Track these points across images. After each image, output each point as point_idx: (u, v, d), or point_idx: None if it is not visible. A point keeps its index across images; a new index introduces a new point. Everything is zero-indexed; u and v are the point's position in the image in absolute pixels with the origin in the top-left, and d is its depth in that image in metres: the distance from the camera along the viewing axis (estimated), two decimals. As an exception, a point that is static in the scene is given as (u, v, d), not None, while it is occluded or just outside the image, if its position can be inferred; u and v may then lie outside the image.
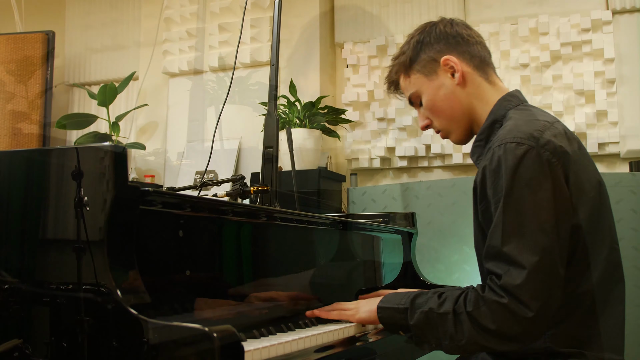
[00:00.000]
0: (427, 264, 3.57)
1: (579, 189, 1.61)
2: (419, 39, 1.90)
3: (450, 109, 1.85)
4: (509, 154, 1.57)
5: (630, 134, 4.01)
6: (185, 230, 1.59)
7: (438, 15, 4.45)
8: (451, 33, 1.88)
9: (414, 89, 1.90)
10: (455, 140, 1.92)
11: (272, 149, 2.52)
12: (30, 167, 1.47)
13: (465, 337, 1.56)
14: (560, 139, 1.63)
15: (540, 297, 1.49)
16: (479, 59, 1.86)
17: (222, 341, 1.19)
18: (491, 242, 1.58)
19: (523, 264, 1.50)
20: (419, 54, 1.88)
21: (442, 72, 1.84)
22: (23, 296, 1.38)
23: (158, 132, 5.11)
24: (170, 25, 5.07)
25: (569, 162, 1.60)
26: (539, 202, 1.54)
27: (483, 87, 1.84)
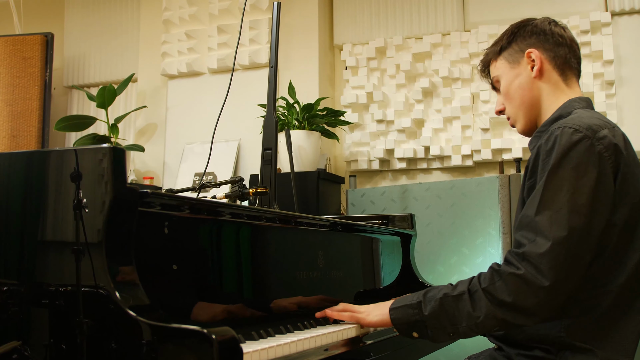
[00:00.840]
0: (426, 266, 3.56)
1: (624, 191, 1.65)
2: (515, 30, 1.98)
3: (521, 97, 1.92)
4: (565, 136, 1.64)
5: (630, 135, 3.95)
6: (184, 231, 1.59)
7: (437, 17, 4.46)
8: (545, 30, 1.94)
9: (497, 73, 1.99)
10: (520, 130, 1.98)
11: (270, 150, 2.52)
12: (28, 169, 1.48)
13: (482, 314, 1.61)
14: (619, 139, 1.68)
15: (558, 270, 1.55)
16: (562, 60, 1.91)
17: (221, 343, 1.19)
18: (526, 211, 1.65)
19: (550, 235, 1.56)
20: (510, 44, 1.96)
21: (524, 63, 1.92)
22: (22, 298, 1.38)
23: (157, 134, 5.11)
24: (169, 27, 5.07)
25: (620, 161, 1.65)
26: (580, 186, 1.59)
27: (558, 86, 1.90)
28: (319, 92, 4.59)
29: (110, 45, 5.45)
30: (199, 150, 4.79)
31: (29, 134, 4.97)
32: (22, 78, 5.01)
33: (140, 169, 5.09)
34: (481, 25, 4.39)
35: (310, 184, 3.99)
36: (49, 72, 5.06)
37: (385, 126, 4.54)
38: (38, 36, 5.07)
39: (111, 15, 5.47)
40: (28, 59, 5.02)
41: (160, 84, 5.13)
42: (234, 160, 4.65)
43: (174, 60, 5.01)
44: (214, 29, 4.90)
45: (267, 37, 4.73)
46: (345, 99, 4.64)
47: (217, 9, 4.88)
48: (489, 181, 3.60)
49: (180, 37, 5.00)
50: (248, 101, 4.59)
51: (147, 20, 5.26)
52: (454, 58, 4.42)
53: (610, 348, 1.63)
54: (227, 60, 4.81)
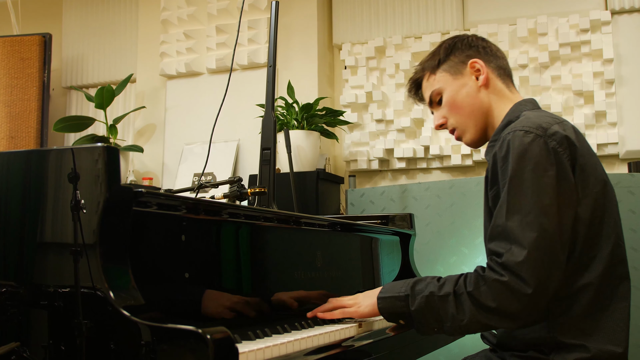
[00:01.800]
0: (426, 266, 3.56)
1: (584, 182, 1.67)
2: (452, 43, 2.00)
3: (470, 107, 1.93)
4: (517, 140, 1.65)
5: (629, 134, 4.00)
6: (180, 231, 1.58)
7: (437, 16, 4.45)
8: (481, 44, 1.99)
9: (438, 86, 1.98)
10: (468, 141, 1.98)
11: (269, 150, 2.51)
12: (26, 168, 1.47)
13: (466, 317, 1.62)
14: (569, 132, 1.70)
15: (539, 275, 1.56)
16: (502, 70, 1.97)
17: (216, 343, 1.18)
18: (496, 221, 1.66)
19: (524, 242, 1.57)
20: (449, 56, 1.98)
21: (468, 74, 1.94)
22: (21, 299, 1.38)
23: (156, 135, 5.10)
24: (168, 27, 5.06)
25: (575, 154, 1.67)
26: (543, 186, 1.61)
27: (503, 93, 1.94)
28: (318, 91, 4.58)
29: (109, 45, 5.44)
30: (198, 151, 4.78)
31: (27, 135, 4.96)
32: (20, 79, 5.00)
33: (140, 170, 5.08)
34: (481, 24, 4.38)
35: (309, 184, 3.98)
36: (47, 73, 5.05)
37: (384, 126, 4.53)
38: (36, 37, 5.06)
39: (109, 16, 5.46)
40: (26, 60, 5.01)
41: (159, 84, 5.12)
42: (233, 160, 4.64)
43: (173, 60, 5.00)
44: (212, 29, 4.89)
45: (266, 37, 4.72)
46: (345, 98, 4.63)
47: (215, 9, 4.87)
48: (488, 180, 3.59)
49: (178, 37, 4.99)
50: (247, 101, 4.58)
51: (145, 20, 5.25)
52: (453, 57, 4.40)
53: (601, 339, 1.64)
54: (226, 60, 4.81)
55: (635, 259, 3.29)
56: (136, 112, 5.13)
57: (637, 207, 3.33)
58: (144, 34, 5.24)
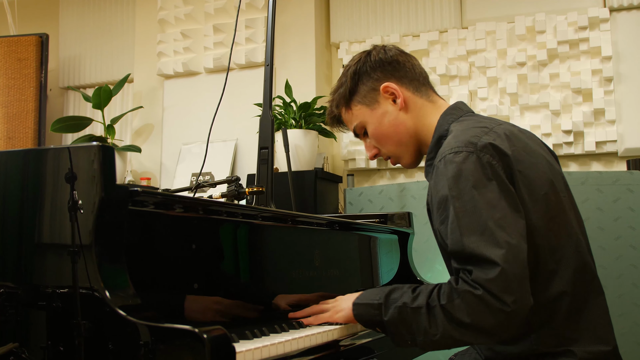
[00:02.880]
0: (424, 264, 3.55)
1: (528, 188, 1.60)
2: (355, 69, 1.91)
3: (397, 134, 1.86)
4: (449, 164, 1.58)
5: (628, 132, 3.99)
6: (177, 231, 1.57)
7: (435, 15, 4.45)
8: (386, 59, 1.89)
9: (358, 121, 1.91)
10: (406, 164, 1.94)
11: (267, 149, 2.51)
12: (24, 168, 1.46)
13: (439, 332, 1.53)
14: (500, 141, 1.62)
15: (512, 289, 1.46)
16: (417, 82, 1.88)
17: (213, 342, 1.17)
18: (453, 247, 1.55)
19: (491, 258, 1.47)
20: (358, 85, 1.89)
21: (384, 100, 1.86)
22: (19, 300, 1.37)
23: (154, 135, 5.09)
24: (165, 26, 5.05)
25: (509, 163, 1.59)
26: (489, 201, 1.52)
27: (426, 108, 1.86)
28: (316, 90, 4.58)
29: (106, 45, 5.43)
30: (196, 151, 4.77)
31: (25, 135, 4.95)
32: (17, 79, 4.99)
33: (138, 170, 5.07)
34: (478, 22, 4.37)
35: (307, 183, 3.98)
36: (45, 73, 5.04)
37: (383, 125, 4.51)
38: (33, 37, 5.05)
39: (106, 16, 5.45)
40: (23, 60, 5.00)
41: (157, 84, 5.11)
42: (231, 160, 4.63)
43: (170, 60, 4.99)
44: (209, 28, 4.88)
45: (263, 36, 4.71)
46: (343, 97, 4.61)
47: (212, 8, 4.86)
48: (487, 179, 3.58)
49: (175, 37, 4.98)
50: (245, 101, 4.57)
51: (142, 20, 5.24)
52: (451, 55, 4.40)
53: (586, 341, 1.59)
54: (223, 59, 4.80)
55: (634, 257, 3.29)
56: (134, 112, 5.13)
57: (636, 205, 3.32)
58: (141, 34, 5.23)
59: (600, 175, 3.40)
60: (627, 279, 3.27)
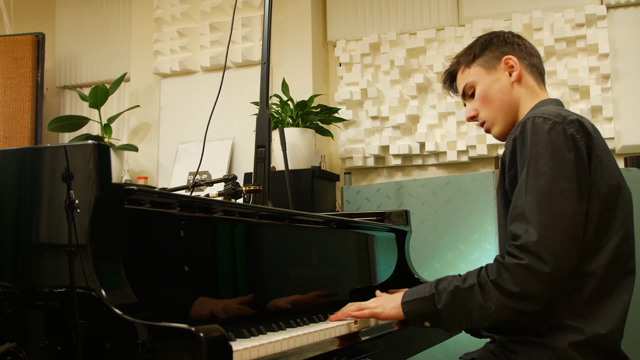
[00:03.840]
0: (422, 262, 3.55)
1: (602, 172, 1.72)
2: (488, 38, 2.06)
3: (501, 101, 1.98)
4: (537, 126, 1.71)
5: (625, 129, 3.99)
6: (174, 229, 1.57)
7: (432, 12, 4.44)
8: (517, 42, 2.05)
9: (472, 79, 2.03)
10: (496, 134, 2.04)
11: (264, 148, 2.50)
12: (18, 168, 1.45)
13: (494, 304, 1.66)
14: (587, 124, 1.77)
15: (557, 253, 1.61)
16: (535, 68, 2.02)
17: (210, 341, 1.17)
18: (516, 202, 1.70)
19: (541, 221, 1.63)
20: (484, 51, 2.03)
21: (501, 70, 2.00)
22: (16, 300, 1.37)
23: (151, 134, 5.08)
24: (161, 25, 5.04)
25: (592, 143, 1.72)
26: (561, 170, 1.66)
27: (534, 90, 2.00)
28: (313, 89, 4.57)
29: (102, 44, 5.42)
30: (193, 150, 4.77)
31: (21, 135, 4.94)
32: (13, 79, 4.98)
33: (135, 169, 5.06)
34: (475, 19, 4.37)
35: (304, 182, 3.97)
36: (41, 73, 5.03)
37: (379, 123, 4.52)
38: (29, 36, 5.03)
39: (102, 14, 5.44)
40: (19, 60, 4.99)
41: (153, 83, 5.11)
42: (228, 158, 4.62)
43: (167, 58, 4.99)
44: (206, 27, 4.87)
45: (260, 35, 4.71)
46: (340, 95, 4.62)
47: (208, 7, 4.86)
48: (484, 177, 3.59)
49: (172, 36, 4.97)
50: (242, 99, 4.57)
51: (138, 18, 5.23)
52: (448, 53, 4.39)
53: (598, 325, 1.68)
54: (220, 58, 4.79)
55: (632, 254, 3.28)
56: (130, 111, 5.12)
57: (634, 202, 3.31)
58: (137, 33, 5.22)
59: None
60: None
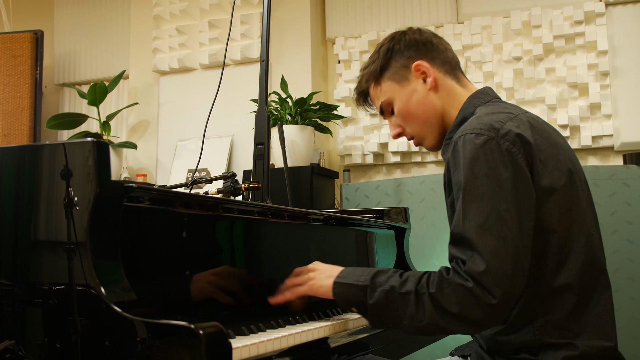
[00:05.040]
0: (421, 259, 3.55)
1: (546, 178, 1.61)
2: (389, 46, 1.91)
3: (424, 114, 1.86)
4: (468, 144, 1.58)
5: (624, 126, 3.99)
6: (173, 227, 1.57)
7: (430, 9, 4.44)
8: (421, 40, 1.89)
9: (385, 97, 1.91)
10: (429, 146, 1.92)
11: (263, 145, 2.50)
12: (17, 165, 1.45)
13: (426, 318, 1.55)
14: (524, 129, 1.62)
15: (502, 284, 1.48)
16: (449, 64, 1.89)
17: (209, 338, 1.17)
18: (454, 229, 1.58)
19: (484, 251, 1.50)
20: (390, 62, 1.89)
21: (414, 78, 1.86)
22: (15, 297, 1.37)
23: (149, 131, 5.08)
24: (160, 22, 5.04)
25: (531, 151, 1.60)
26: (498, 191, 1.54)
27: (455, 90, 1.87)
28: (312, 86, 4.57)
29: (101, 41, 5.42)
30: (192, 147, 4.77)
31: (20, 132, 4.93)
32: (12, 76, 4.97)
33: (133, 167, 5.06)
34: (474, 17, 4.36)
35: (304, 179, 3.97)
36: (40, 70, 5.03)
37: (378, 120, 4.51)
38: (28, 34, 5.03)
39: (101, 12, 5.44)
40: (18, 57, 4.99)
41: (152, 80, 5.10)
42: (227, 156, 4.62)
43: (165, 56, 4.98)
44: (205, 24, 4.87)
45: (259, 32, 4.71)
46: (338, 93, 4.62)
47: (207, 4, 4.85)
48: (483, 173, 3.58)
49: (171, 33, 4.97)
50: (240, 96, 4.57)
51: (137, 16, 5.23)
52: (447, 50, 4.39)
53: (589, 335, 1.60)
54: (219, 55, 4.79)
55: (631, 251, 3.29)
56: (129, 109, 5.12)
57: (632, 199, 3.32)
58: (136, 30, 5.22)
59: (596, 170, 3.40)
60: (624, 273, 3.27)
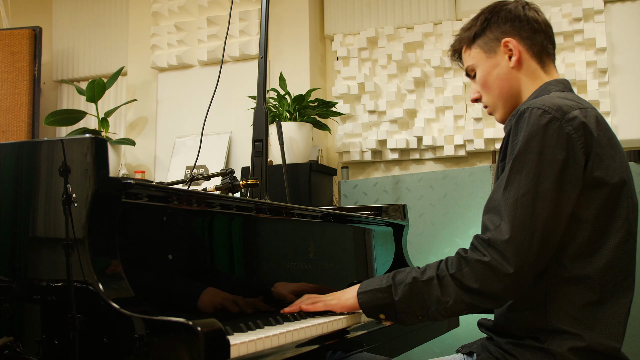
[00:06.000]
0: (419, 257, 3.55)
1: (600, 172, 1.63)
2: (488, 16, 1.94)
3: (500, 88, 1.90)
4: (533, 118, 1.62)
5: (623, 123, 3.99)
6: (171, 223, 1.57)
7: (429, 6, 4.43)
8: (520, 16, 1.90)
9: (472, 62, 1.95)
10: (499, 119, 1.96)
11: (261, 142, 2.50)
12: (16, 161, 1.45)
13: (452, 298, 1.62)
14: (590, 120, 1.65)
15: (522, 256, 1.54)
16: (540, 47, 1.89)
17: (207, 335, 1.17)
18: (493, 194, 1.65)
19: (514, 220, 1.56)
20: (484, 31, 1.93)
21: (501, 53, 1.89)
22: (13, 294, 1.37)
23: (148, 128, 5.08)
24: (158, 19, 5.03)
25: (592, 142, 1.62)
26: (547, 170, 1.57)
27: (537, 74, 1.89)
28: (310, 83, 4.56)
29: (99, 38, 5.41)
30: (190, 144, 4.76)
31: (18, 129, 4.93)
32: (10, 73, 4.97)
33: (132, 163, 5.06)
34: (473, 13, 4.32)
35: (302, 176, 3.97)
36: (38, 67, 5.02)
37: (377, 117, 4.52)
38: (26, 30, 5.02)
39: (100, 8, 5.43)
40: (16, 54, 4.98)
41: (150, 77, 5.10)
42: (226, 153, 4.62)
43: (164, 52, 4.98)
44: (203, 21, 4.86)
45: (257, 29, 4.70)
46: (337, 89, 4.62)
47: (206, 1, 4.84)
48: (481, 171, 3.59)
49: (169, 30, 4.96)
50: (239, 93, 4.56)
51: (136, 12, 5.22)
52: (445, 47, 4.38)
53: (598, 332, 1.61)
54: (217, 52, 4.78)
55: (629, 248, 3.29)
56: (127, 105, 5.11)
57: (631, 196, 3.32)
58: (134, 27, 5.21)
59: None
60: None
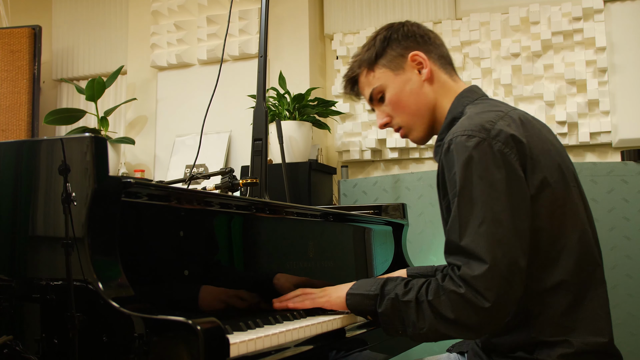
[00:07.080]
0: (419, 256, 3.55)
1: (538, 174, 1.61)
2: (386, 35, 1.90)
3: (416, 104, 1.85)
4: (460, 147, 1.58)
5: (622, 123, 3.99)
6: (171, 222, 1.57)
7: (429, 5, 4.43)
8: (418, 32, 1.90)
9: (378, 84, 1.88)
10: (415, 139, 1.91)
11: (261, 141, 2.50)
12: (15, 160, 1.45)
13: (426, 325, 1.58)
14: (515, 127, 1.62)
15: (497, 288, 1.49)
16: (444, 59, 1.89)
17: (206, 333, 1.17)
18: (449, 237, 1.59)
19: (480, 256, 1.50)
20: (385, 50, 1.88)
21: (409, 68, 1.86)
22: (13, 293, 1.37)
23: (147, 127, 5.07)
24: (158, 18, 5.03)
25: (524, 150, 1.60)
26: (493, 194, 1.54)
27: (448, 85, 1.86)
28: (310, 82, 4.56)
29: (99, 37, 5.41)
30: (190, 143, 4.76)
31: (18, 128, 4.93)
32: (10, 72, 4.96)
33: (131, 162, 5.06)
34: (472, 13, 4.36)
35: (301, 175, 3.97)
36: (38, 65, 5.02)
37: (376, 116, 4.51)
38: (26, 29, 5.02)
39: (99, 7, 5.43)
40: (16, 52, 4.98)
41: (150, 76, 5.10)
42: (225, 152, 4.62)
43: (163, 51, 4.98)
44: (203, 20, 4.86)
45: (257, 28, 4.70)
46: (337, 88, 4.61)
47: (206, 0, 4.84)
48: (481, 170, 3.58)
49: (169, 29, 4.96)
50: (239, 92, 4.56)
51: (135, 11, 5.22)
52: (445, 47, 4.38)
53: (583, 332, 1.60)
54: (217, 51, 4.78)
55: (629, 247, 3.29)
56: (127, 104, 5.11)
57: (630, 196, 3.33)
58: (134, 26, 5.21)
59: (594, 166, 3.40)
60: (621, 269, 3.28)
